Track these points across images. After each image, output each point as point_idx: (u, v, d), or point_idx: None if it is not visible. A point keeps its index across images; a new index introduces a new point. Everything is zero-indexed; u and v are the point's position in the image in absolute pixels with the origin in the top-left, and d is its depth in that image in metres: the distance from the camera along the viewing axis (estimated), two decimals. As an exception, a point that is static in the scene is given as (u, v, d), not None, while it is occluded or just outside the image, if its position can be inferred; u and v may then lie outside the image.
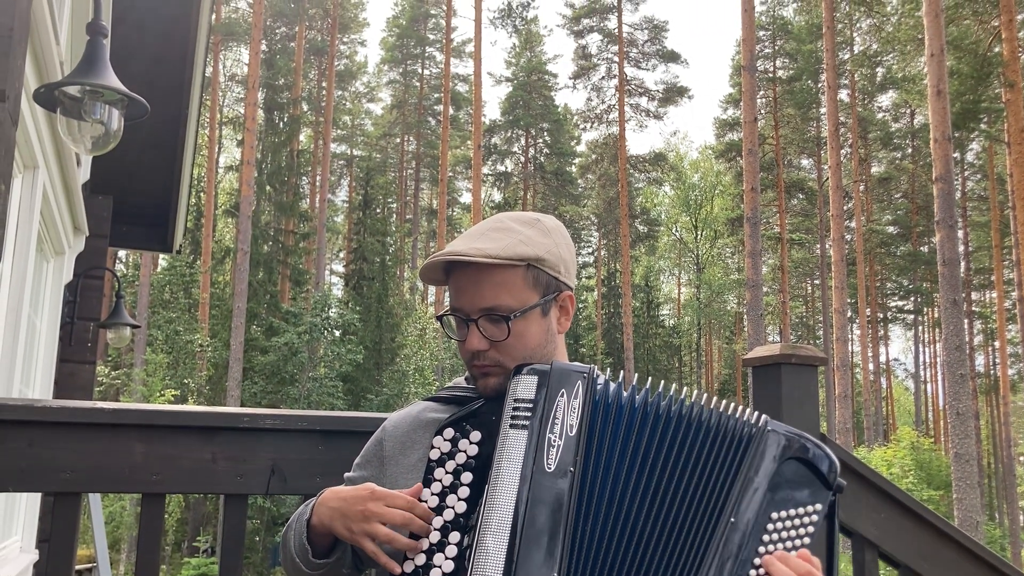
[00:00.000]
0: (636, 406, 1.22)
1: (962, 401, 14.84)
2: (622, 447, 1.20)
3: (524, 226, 1.39)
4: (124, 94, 2.44)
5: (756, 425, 1.23)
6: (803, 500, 1.21)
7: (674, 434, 1.21)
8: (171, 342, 25.22)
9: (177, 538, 24.77)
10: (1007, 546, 31.21)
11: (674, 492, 1.20)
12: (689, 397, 1.25)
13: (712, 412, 1.23)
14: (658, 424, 1.21)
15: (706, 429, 1.22)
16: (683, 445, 1.21)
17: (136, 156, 5.61)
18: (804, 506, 1.21)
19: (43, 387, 4.65)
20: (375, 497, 1.25)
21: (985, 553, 2.36)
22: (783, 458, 1.21)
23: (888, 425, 44.74)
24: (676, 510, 1.19)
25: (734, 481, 1.20)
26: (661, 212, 47.46)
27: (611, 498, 1.18)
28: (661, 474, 1.20)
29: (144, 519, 1.73)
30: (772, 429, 1.23)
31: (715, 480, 1.21)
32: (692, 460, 1.21)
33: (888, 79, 36.10)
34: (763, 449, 1.21)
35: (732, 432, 1.22)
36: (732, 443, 1.22)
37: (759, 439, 1.22)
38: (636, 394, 1.22)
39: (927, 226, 37.71)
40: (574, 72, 41.91)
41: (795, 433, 1.23)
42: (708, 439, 1.22)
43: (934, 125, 15.59)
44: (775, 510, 1.20)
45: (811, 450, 1.22)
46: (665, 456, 1.20)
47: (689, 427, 1.22)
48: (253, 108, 26.22)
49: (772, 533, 1.19)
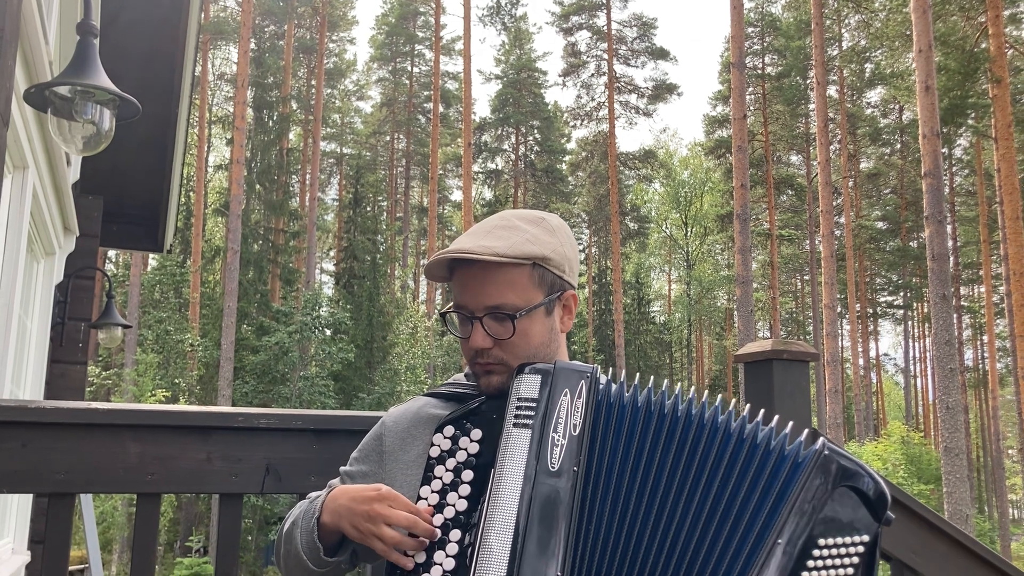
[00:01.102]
0: (639, 405, 1.22)
1: (951, 395, 14.92)
2: (626, 447, 1.20)
3: (530, 224, 1.39)
4: (115, 94, 2.43)
5: (812, 448, 1.21)
6: (851, 529, 1.19)
7: (683, 435, 1.21)
8: (162, 342, 25.14)
9: (169, 538, 24.70)
10: (996, 539, 31.41)
11: (690, 496, 1.19)
12: (699, 400, 1.24)
13: (734, 418, 1.22)
14: (663, 424, 1.21)
15: (738, 439, 1.20)
16: (696, 448, 1.20)
17: (126, 156, 5.59)
18: (851, 535, 1.19)
19: (34, 388, 4.63)
20: (381, 498, 1.25)
21: (976, 546, 2.38)
22: (837, 484, 1.19)
23: (878, 420, 44.93)
24: (697, 515, 1.18)
25: (782, 501, 1.18)
26: (651, 209, 47.51)
27: (615, 498, 1.18)
28: (672, 476, 1.19)
29: (139, 519, 1.73)
30: (830, 452, 1.20)
31: (754, 494, 1.19)
32: (712, 467, 1.20)
33: (876, 75, 36.19)
34: (818, 473, 1.19)
35: (781, 451, 1.20)
36: (783, 462, 1.20)
37: (815, 462, 1.19)
38: (639, 395, 1.23)
39: (916, 221, 37.89)
40: (564, 69, 41.94)
41: (851, 459, 1.21)
42: (742, 450, 1.20)
43: (922, 121, 15.65)
44: (822, 536, 1.18)
45: (866, 479, 1.20)
46: (675, 458, 1.20)
47: (703, 429, 1.21)
48: (242, 107, 26.14)
49: (817, 560, 1.17)
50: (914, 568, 2.33)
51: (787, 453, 1.20)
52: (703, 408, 1.23)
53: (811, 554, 1.17)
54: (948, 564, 2.36)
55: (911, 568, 2.33)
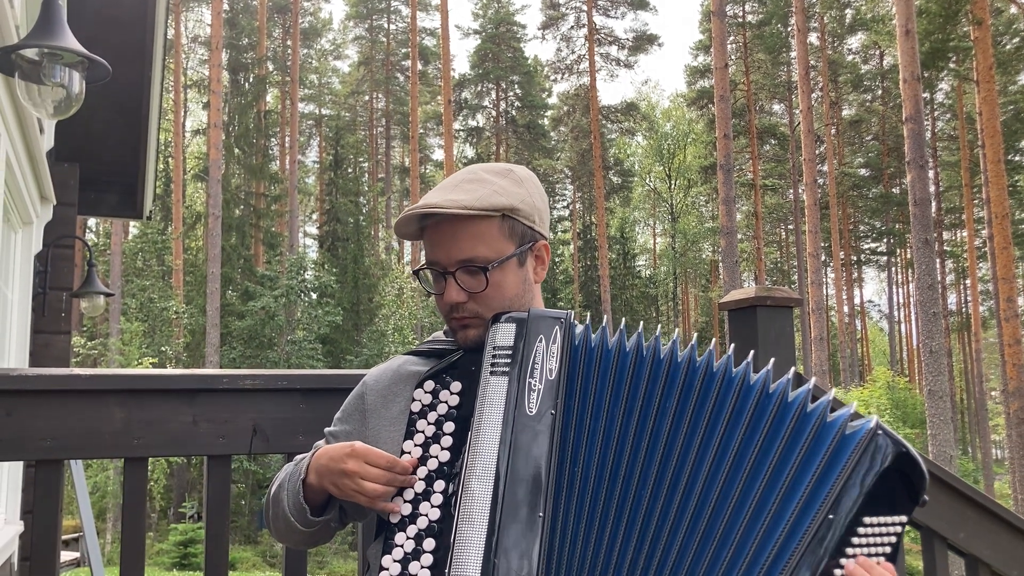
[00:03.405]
0: (609, 348, 1.22)
1: (935, 339, 15.08)
2: (606, 390, 1.20)
3: (497, 176, 1.38)
4: (84, 56, 2.38)
5: (865, 426, 1.19)
6: (893, 510, 1.19)
7: (690, 381, 1.20)
8: (146, 310, 25.04)
9: (163, 505, 24.84)
10: (980, 478, 32.03)
11: (704, 446, 1.18)
12: (667, 339, 1.23)
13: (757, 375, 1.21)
14: (643, 368, 1.21)
15: (763, 395, 1.19)
16: (706, 396, 1.19)
17: (101, 122, 5.51)
18: (892, 515, 1.19)
19: (18, 359, 4.60)
20: (355, 454, 1.26)
21: (959, 483, 2.41)
22: (885, 465, 1.19)
23: (863, 366, 45.41)
24: (717, 465, 1.17)
25: (829, 473, 1.17)
26: (635, 163, 47.35)
27: (593, 438, 1.18)
28: (677, 422, 1.18)
29: (128, 484, 1.73)
30: (883, 433, 1.20)
31: (794, 459, 1.17)
32: (730, 417, 1.19)
33: (857, 20, 36.00)
34: (870, 451, 1.18)
35: (820, 416, 1.19)
36: (821, 429, 1.18)
37: (867, 440, 1.18)
38: (624, 339, 1.23)
39: (898, 168, 37.93)
40: (542, 22, 41.45)
41: (900, 441, 1.21)
42: (769, 405, 1.19)
43: (903, 65, 15.60)
44: (867, 515, 1.18)
45: (913, 462, 1.20)
46: (680, 404, 1.19)
47: (695, 374, 1.20)
48: (217, 70, 25.78)
49: (862, 537, 1.17)
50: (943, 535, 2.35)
51: (831, 422, 1.19)
52: (691, 352, 1.22)
53: (856, 531, 1.17)
54: (932, 501, 2.40)
55: (939, 535, 2.35)
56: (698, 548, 1.15)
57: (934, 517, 2.38)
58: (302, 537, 1.43)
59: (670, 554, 1.15)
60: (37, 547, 1.67)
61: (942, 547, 2.40)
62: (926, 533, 2.40)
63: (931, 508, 2.39)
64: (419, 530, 1.20)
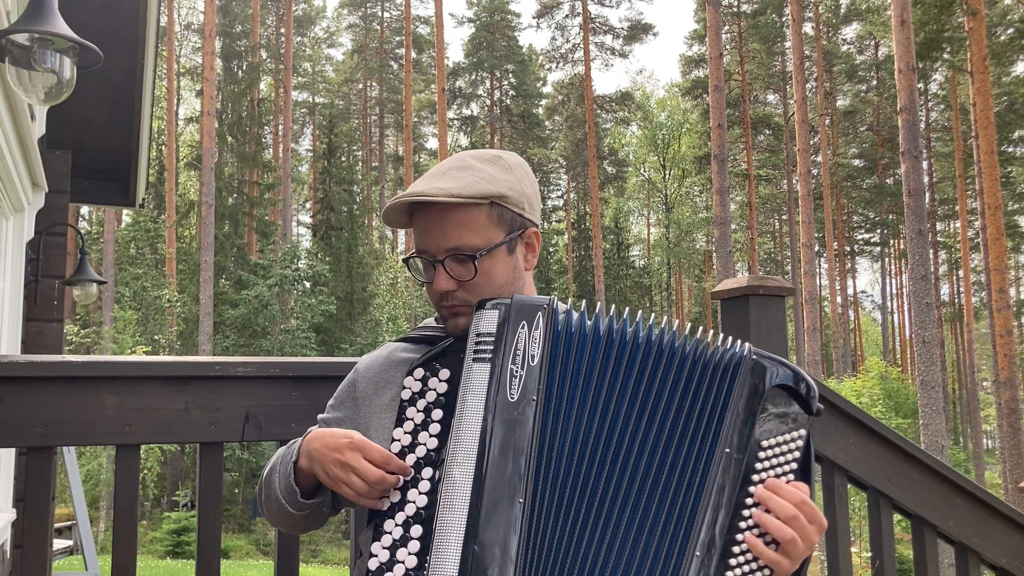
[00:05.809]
0: (600, 334, 1.23)
1: (928, 330, 15.12)
2: (587, 375, 1.21)
3: (486, 163, 1.37)
4: (75, 41, 2.37)
5: (740, 354, 1.24)
6: (788, 427, 1.23)
7: (644, 361, 1.22)
8: (139, 298, 24.99)
9: (156, 493, 24.85)
10: (971, 468, 32.19)
11: (650, 419, 1.21)
12: (658, 325, 1.25)
13: (685, 340, 1.24)
14: (624, 352, 1.22)
15: (683, 358, 1.23)
16: (655, 373, 1.22)
17: (93, 110, 5.48)
18: (789, 433, 1.23)
19: (10, 347, 4.59)
20: (353, 447, 1.26)
21: (949, 472, 2.43)
22: (770, 385, 1.23)
23: (856, 356, 45.57)
24: (657, 437, 1.21)
25: (724, 411, 1.22)
26: (629, 152, 47.33)
27: (577, 424, 1.19)
28: (633, 401, 1.21)
29: (120, 471, 1.73)
30: (757, 357, 1.24)
31: (701, 410, 1.22)
32: (670, 389, 1.22)
33: (852, 10, 35.99)
34: (750, 377, 1.23)
35: (716, 362, 1.24)
36: (717, 373, 1.23)
37: (745, 367, 1.24)
38: (600, 322, 1.23)
39: (892, 158, 37.99)
40: (537, 11, 41.37)
41: (777, 359, 1.25)
42: (687, 368, 1.23)
43: (898, 56, 15.59)
44: (765, 439, 1.22)
45: (794, 375, 1.24)
46: (636, 384, 1.22)
47: (661, 354, 1.23)
48: (211, 57, 25.63)
49: (764, 462, 1.22)
50: (889, 496, 2.38)
51: (719, 363, 1.24)
52: (662, 333, 1.24)
53: (758, 456, 1.21)
54: (922, 489, 2.41)
55: (886, 496, 2.37)
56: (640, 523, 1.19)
57: (924, 506, 2.40)
58: (295, 521, 1.44)
59: (628, 535, 1.18)
60: (29, 534, 1.67)
61: (932, 535, 2.42)
62: (916, 521, 2.42)
63: (921, 497, 2.40)
64: (407, 517, 1.21)
